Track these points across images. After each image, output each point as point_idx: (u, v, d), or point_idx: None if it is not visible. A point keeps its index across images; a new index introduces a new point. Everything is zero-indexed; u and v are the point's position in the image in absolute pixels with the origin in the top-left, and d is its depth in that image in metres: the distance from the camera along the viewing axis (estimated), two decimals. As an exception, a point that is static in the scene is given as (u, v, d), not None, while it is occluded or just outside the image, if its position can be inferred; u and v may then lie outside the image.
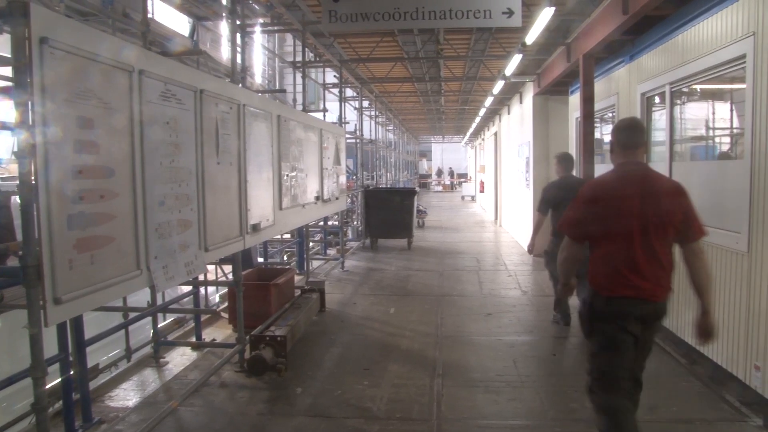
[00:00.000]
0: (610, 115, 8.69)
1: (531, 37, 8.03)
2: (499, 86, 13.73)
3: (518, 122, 16.08)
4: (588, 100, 8.47)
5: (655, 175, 3.68)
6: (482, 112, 20.77)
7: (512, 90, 16.16)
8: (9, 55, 2.84)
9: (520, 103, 15.72)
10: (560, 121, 12.20)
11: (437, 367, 5.93)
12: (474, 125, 27.75)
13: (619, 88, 8.01)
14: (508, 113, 18.56)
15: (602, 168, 8.84)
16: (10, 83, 3.60)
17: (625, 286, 3.44)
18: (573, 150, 10.48)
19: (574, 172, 7.66)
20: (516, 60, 10.16)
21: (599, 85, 8.72)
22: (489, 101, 17.02)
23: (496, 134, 22.66)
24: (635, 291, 3.43)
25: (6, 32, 2.84)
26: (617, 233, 3.48)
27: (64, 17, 3.43)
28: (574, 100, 10.17)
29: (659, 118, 6.83)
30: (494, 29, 10.51)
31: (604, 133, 9.49)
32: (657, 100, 6.84)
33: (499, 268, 11.63)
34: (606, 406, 3.46)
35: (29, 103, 2.77)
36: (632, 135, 3.69)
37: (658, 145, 6.88)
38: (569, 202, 3.86)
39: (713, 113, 6.23)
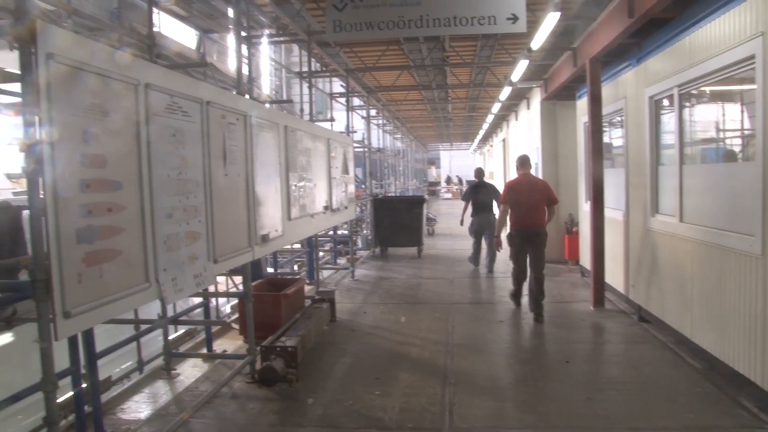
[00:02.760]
0: (619, 119, 8.64)
1: (537, 42, 8.02)
2: (506, 92, 13.72)
3: (526, 128, 16.05)
4: (595, 106, 8.43)
5: (535, 178, 8.57)
6: (490, 118, 20.77)
7: (519, 96, 16.15)
8: (17, 71, 2.85)
9: (528, 108, 15.70)
10: (568, 126, 12.15)
11: (448, 375, 5.89)
12: (482, 132, 27.76)
13: (627, 91, 7.98)
14: (516, 119, 18.55)
15: (611, 171, 8.82)
16: (18, 99, 3.63)
17: (523, 223, 7.95)
18: (581, 153, 10.49)
19: (489, 180, 13.34)
20: (522, 66, 10.14)
21: (606, 89, 8.69)
22: (496, 107, 17.02)
23: (504, 140, 22.66)
24: (526, 224, 7.92)
25: (14, 47, 2.85)
26: (520, 201, 7.95)
27: (71, 33, 3.44)
28: (582, 104, 10.14)
29: (668, 121, 6.78)
30: (500, 35, 10.50)
31: (613, 137, 9.44)
32: (666, 102, 6.80)
33: (510, 275, 11.48)
34: (516, 277, 8.36)
35: (36, 118, 2.78)
36: (524, 162, 8.33)
37: (667, 148, 6.84)
38: (483, 195, 11.78)
39: (723, 115, 6.17)
